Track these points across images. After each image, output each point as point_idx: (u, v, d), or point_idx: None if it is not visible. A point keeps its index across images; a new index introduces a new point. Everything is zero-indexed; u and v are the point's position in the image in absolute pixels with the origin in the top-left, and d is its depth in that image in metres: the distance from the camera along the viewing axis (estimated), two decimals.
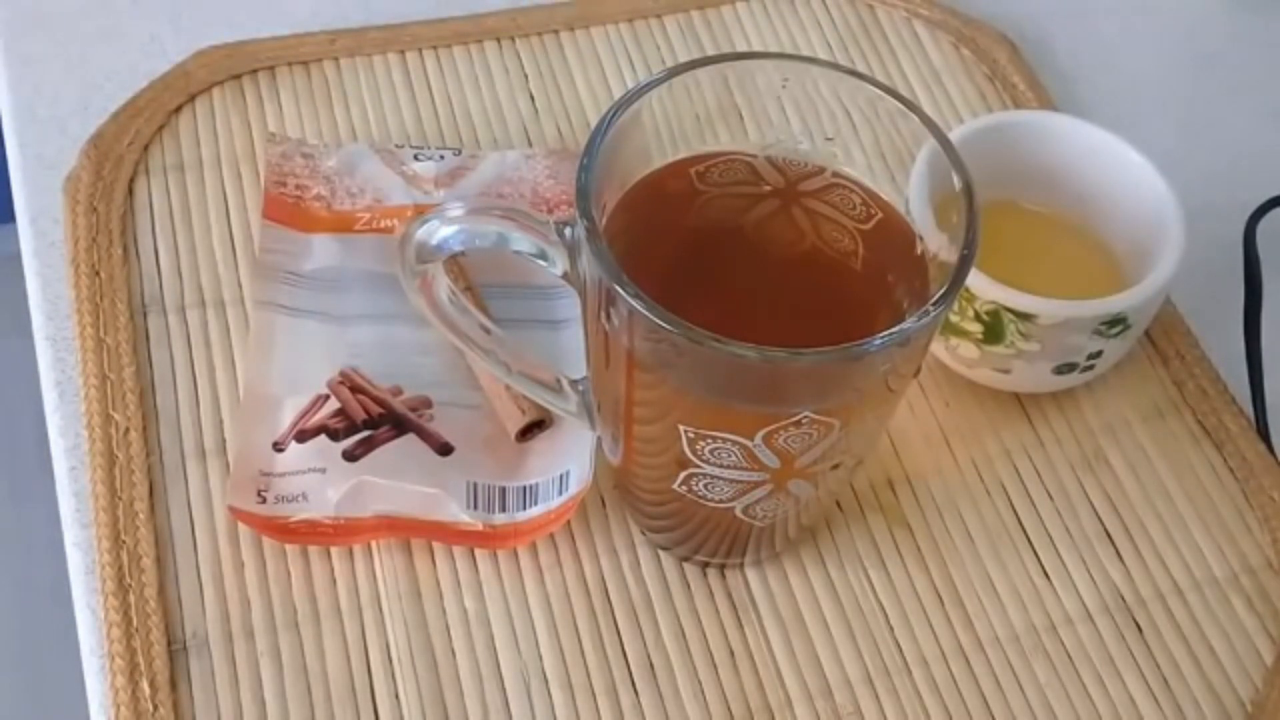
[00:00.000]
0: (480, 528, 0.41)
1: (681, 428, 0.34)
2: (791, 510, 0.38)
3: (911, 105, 0.35)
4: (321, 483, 0.41)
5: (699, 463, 0.35)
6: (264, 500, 0.40)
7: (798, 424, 0.33)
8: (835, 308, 0.36)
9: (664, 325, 0.31)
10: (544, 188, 0.48)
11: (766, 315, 0.36)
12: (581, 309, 0.36)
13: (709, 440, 0.34)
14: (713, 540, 0.40)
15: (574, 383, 0.40)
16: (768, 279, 0.37)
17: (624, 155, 0.35)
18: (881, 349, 0.31)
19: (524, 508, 0.41)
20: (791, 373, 0.32)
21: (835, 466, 0.36)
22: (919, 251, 0.36)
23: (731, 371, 0.32)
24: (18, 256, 0.47)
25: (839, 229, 0.37)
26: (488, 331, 0.39)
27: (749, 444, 0.34)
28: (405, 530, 0.41)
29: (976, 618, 0.42)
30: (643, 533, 0.42)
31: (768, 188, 0.38)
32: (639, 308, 0.31)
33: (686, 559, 0.42)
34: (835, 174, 0.37)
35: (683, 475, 0.36)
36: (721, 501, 0.37)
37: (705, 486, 0.36)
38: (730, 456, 0.34)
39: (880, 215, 0.37)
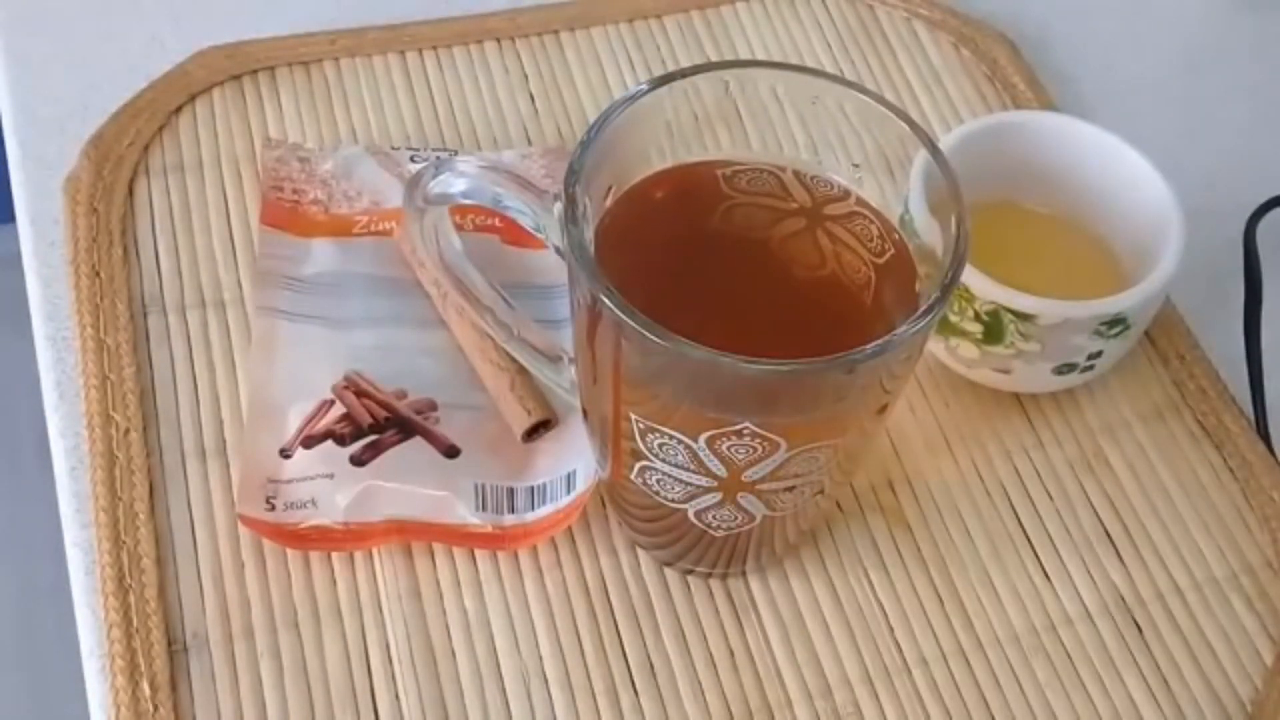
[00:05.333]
0: (490, 529, 0.41)
1: (633, 416, 0.34)
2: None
3: (918, 128, 0.35)
4: (330, 488, 0.41)
5: (649, 456, 0.35)
6: (273, 507, 0.40)
7: (739, 434, 0.33)
8: (822, 320, 0.36)
9: (600, 291, 0.31)
10: (542, 185, 0.48)
11: (752, 321, 0.36)
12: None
13: (657, 434, 0.34)
14: (710, 553, 0.40)
15: (574, 359, 0.40)
16: (757, 285, 0.37)
17: (624, 151, 0.35)
18: (814, 372, 0.31)
19: (532, 508, 0.41)
20: (731, 377, 0.32)
21: (790, 490, 0.36)
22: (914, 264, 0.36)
23: (670, 364, 0.32)
24: (18, 256, 0.47)
25: (837, 223, 0.37)
26: (492, 289, 0.39)
27: (693, 445, 0.34)
28: (415, 534, 0.41)
29: (976, 618, 0.42)
30: (646, 550, 0.42)
31: (770, 186, 0.38)
32: (574, 262, 0.32)
33: (689, 572, 0.42)
34: (840, 187, 0.37)
35: (637, 467, 0.36)
36: (674, 501, 0.37)
37: (658, 482, 0.36)
38: (678, 455, 0.34)
39: (873, 213, 0.37)
